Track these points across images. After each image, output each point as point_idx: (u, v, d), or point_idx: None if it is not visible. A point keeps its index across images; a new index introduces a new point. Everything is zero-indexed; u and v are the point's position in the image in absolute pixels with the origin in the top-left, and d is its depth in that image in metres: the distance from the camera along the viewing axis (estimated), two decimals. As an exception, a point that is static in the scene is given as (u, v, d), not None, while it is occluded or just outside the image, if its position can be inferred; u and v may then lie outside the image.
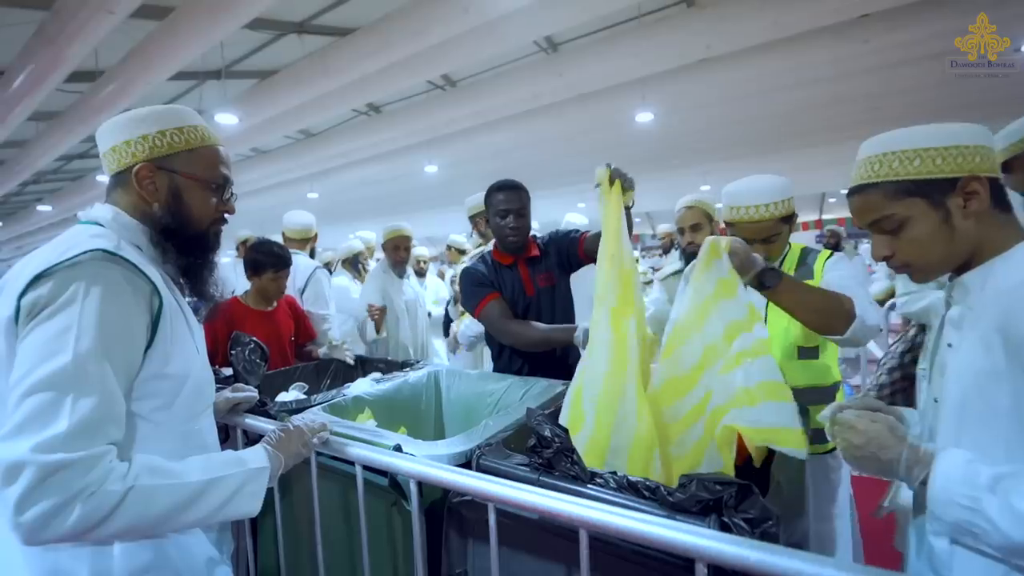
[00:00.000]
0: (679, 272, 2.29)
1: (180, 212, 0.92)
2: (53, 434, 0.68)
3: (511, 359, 1.84)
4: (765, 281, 1.13)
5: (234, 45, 5.25)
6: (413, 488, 0.96)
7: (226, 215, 1.00)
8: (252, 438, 1.29)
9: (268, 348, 1.73)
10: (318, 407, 1.44)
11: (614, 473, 0.86)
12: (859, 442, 0.75)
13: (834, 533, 1.43)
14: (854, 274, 1.40)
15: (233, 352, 1.62)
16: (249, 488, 0.86)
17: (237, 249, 4.51)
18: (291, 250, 2.70)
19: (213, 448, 1.01)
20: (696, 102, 6.21)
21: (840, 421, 0.78)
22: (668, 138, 8.18)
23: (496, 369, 1.89)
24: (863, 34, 4.55)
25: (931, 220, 0.76)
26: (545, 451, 0.89)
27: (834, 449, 1.36)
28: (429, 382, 1.80)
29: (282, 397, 1.67)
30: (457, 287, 2.95)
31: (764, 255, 1.40)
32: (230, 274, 2.72)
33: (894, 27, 4.42)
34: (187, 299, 0.99)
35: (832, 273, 1.40)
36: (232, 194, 1.00)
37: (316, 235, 2.94)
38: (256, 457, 0.92)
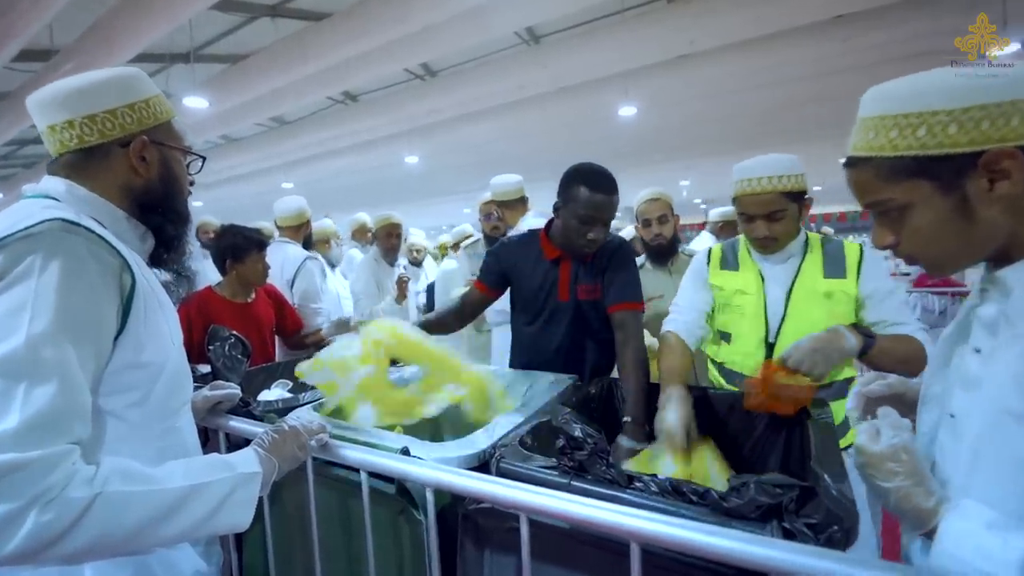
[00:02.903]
0: (641, 267, 2.24)
1: (171, 184, 0.88)
2: (2, 430, 0.56)
3: (527, 354, 1.63)
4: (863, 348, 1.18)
5: (204, 27, 5.00)
6: (429, 497, 0.86)
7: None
8: (235, 442, 1.17)
9: (250, 343, 1.59)
10: (307, 406, 1.32)
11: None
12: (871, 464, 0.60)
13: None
14: (899, 292, 1.36)
15: (211, 348, 1.49)
16: (238, 496, 0.74)
17: (198, 237, 3.94)
18: (283, 239, 2.58)
19: (194, 451, 0.90)
20: (679, 97, 6.24)
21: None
22: (651, 133, 8.22)
23: (511, 365, 1.68)
24: (842, 33, 4.62)
25: (940, 208, 0.57)
26: (577, 453, 0.80)
27: (851, 446, 1.32)
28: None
29: (264, 396, 1.54)
30: None
31: (767, 233, 1.33)
32: (202, 264, 2.52)
33: (873, 27, 4.50)
34: (162, 278, 0.89)
35: (884, 304, 1.33)
36: (198, 159, 0.95)
37: (309, 220, 2.75)
38: (246, 461, 0.80)
